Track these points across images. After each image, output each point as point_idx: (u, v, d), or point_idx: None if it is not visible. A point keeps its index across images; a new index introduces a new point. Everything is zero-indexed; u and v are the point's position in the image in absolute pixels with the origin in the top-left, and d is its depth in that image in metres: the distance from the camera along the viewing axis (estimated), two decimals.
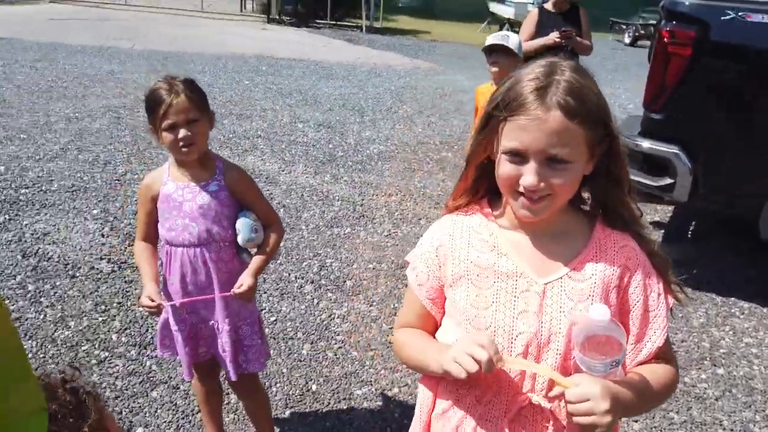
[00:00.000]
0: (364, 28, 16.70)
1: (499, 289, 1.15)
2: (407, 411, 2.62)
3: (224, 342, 2.03)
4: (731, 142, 3.30)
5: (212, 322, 2.05)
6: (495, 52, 3.10)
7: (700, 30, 3.15)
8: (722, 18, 3.15)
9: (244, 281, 1.96)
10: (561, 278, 1.14)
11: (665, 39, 3.23)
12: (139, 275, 2.12)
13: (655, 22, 19.52)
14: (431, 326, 1.28)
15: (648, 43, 18.79)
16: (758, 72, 3.20)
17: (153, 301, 1.89)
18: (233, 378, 2.06)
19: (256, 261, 2.00)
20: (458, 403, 1.21)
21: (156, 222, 2.02)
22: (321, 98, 8.09)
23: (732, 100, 3.24)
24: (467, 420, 1.20)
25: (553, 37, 4.46)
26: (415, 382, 2.77)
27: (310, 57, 11.36)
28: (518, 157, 1.07)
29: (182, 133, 1.84)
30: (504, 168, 1.10)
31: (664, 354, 1.18)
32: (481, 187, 1.23)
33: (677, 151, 3.35)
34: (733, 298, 3.73)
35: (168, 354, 2.14)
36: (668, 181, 3.41)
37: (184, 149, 1.87)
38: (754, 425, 2.68)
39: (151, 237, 2.06)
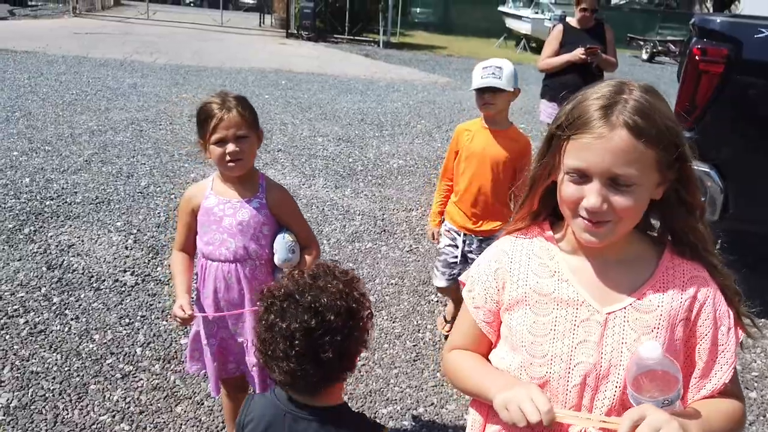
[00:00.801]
0: (381, 43, 16.82)
1: (558, 317, 1.11)
2: (434, 431, 2.58)
3: (253, 360, 2.01)
4: (763, 161, 3.24)
5: (242, 339, 2.03)
6: (486, 92, 2.64)
7: (733, 48, 3.11)
8: (756, 36, 3.11)
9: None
10: (625, 308, 1.09)
11: (697, 57, 3.19)
12: (169, 287, 2.13)
13: (672, 38, 19.39)
14: (485, 348, 1.25)
15: (666, 59, 18.76)
16: None
17: (185, 311, 1.89)
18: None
19: None
20: (509, 429, 1.17)
21: (194, 234, 2.02)
22: (340, 112, 8.12)
23: (763, 119, 3.19)
24: None
25: (579, 53, 4.44)
26: (441, 401, 2.72)
27: (328, 71, 11.44)
28: (581, 177, 1.03)
29: (230, 148, 1.84)
30: (567, 189, 1.06)
31: (731, 390, 1.12)
32: (543, 210, 1.19)
33: (707, 170, 3.30)
34: (762, 320, 3.64)
35: (196, 368, 2.13)
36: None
37: (230, 164, 1.87)
38: None
39: (189, 248, 2.05)
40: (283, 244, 1.93)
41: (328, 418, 1.21)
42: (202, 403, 2.60)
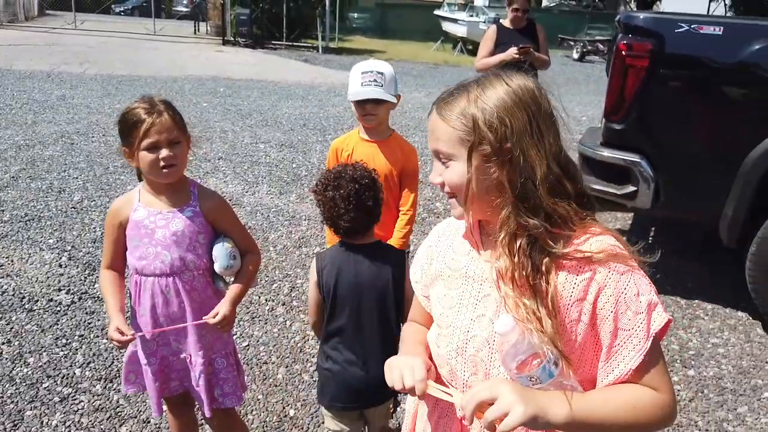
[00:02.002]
0: (320, 49, 16.77)
1: (464, 292, 1.17)
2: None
3: (198, 376, 1.93)
4: (690, 150, 3.41)
5: (184, 354, 1.94)
6: (368, 102, 2.39)
7: (656, 42, 3.26)
8: (676, 30, 3.26)
9: (221, 309, 1.85)
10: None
11: (623, 52, 3.32)
12: (103, 306, 2.01)
13: (601, 38, 20.20)
14: (430, 319, 1.32)
15: (596, 58, 19.52)
16: (711, 81, 3.32)
17: (123, 333, 1.78)
18: (208, 414, 1.96)
19: (233, 289, 1.90)
20: (428, 400, 1.28)
21: (124, 250, 1.91)
22: (281, 118, 8.04)
23: (688, 109, 3.35)
24: (422, 414, 1.32)
25: (512, 52, 4.55)
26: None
27: (267, 78, 11.30)
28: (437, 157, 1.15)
29: (164, 153, 1.75)
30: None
31: (649, 380, 1.05)
32: None
33: (638, 160, 3.44)
34: (696, 300, 3.83)
35: (133, 390, 2.03)
36: (631, 188, 3.49)
37: (164, 170, 1.78)
38: (728, 424, 2.73)
39: (118, 265, 1.94)
40: (223, 251, 1.87)
41: (374, 247, 1.90)
42: (148, 422, 2.50)
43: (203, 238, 1.88)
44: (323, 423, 2.08)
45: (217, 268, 1.87)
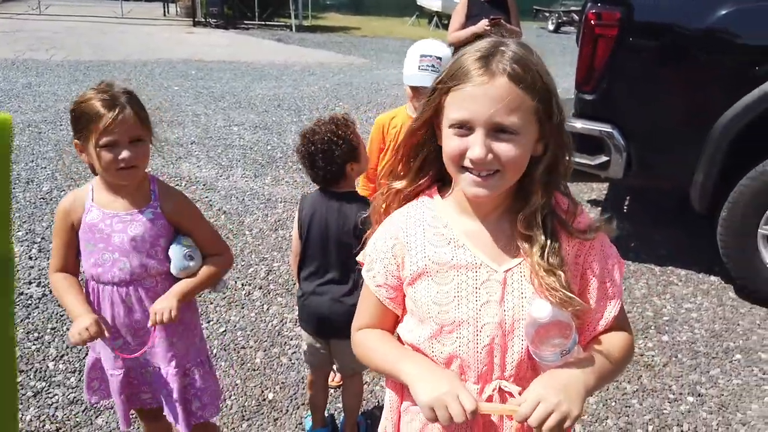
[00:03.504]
0: (293, 27, 16.48)
1: (460, 283, 1.12)
2: (367, 409, 2.58)
3: (172, 389, 1.79)
4: (660, 117, 3.42)
5: (153, 367, 1.80)
6: (425, 89, 2.55)
7: (625, 10, 3.24)
8: None
9: (158, 305, 1.68)
10: (519, 264, 1.11)
11: (592, 21, 3.30)
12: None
13: (576, 8, 20.04)
14: (391, 323, 1.25)
15: (571, 29, 19.46)
16: (679, 48, 3.32)
17: (90, 330, 1.60)
18: (185, 431, 1.82)
19: (181, 283, 1.74)
20: None
21: (76, 253, 1.75)
22: (255, 100, 7.92)
23: (658, 77, 3.35)
24: None
25: (483, 24, 4.49)
26: (374, 380, 2.72)
27: (240, 59, 11.10)
28: (464, 128, 1.04)
29: (125, 153, 1.59)
30: (451, 142, 1.06)
31: (620, 322, 1.18)
32: (427, 173, 1.19)
33: (610, 130, 3.44)
34: (670, 267, 3.88)
35: (96, 399, 1.89)
36: (603, 159, 3.50)
37: (123, 172, 1.62)
38: (701, 387, 2.78)
39: (72, 269, 1.77)
40: (178, 251, 1.72)
41: (346, 195, 2.08)
42: None
43: (165, 241, 1.73)
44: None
45: (172, 269, 1.73)
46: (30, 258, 3.62)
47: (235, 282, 3.51)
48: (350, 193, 2.10)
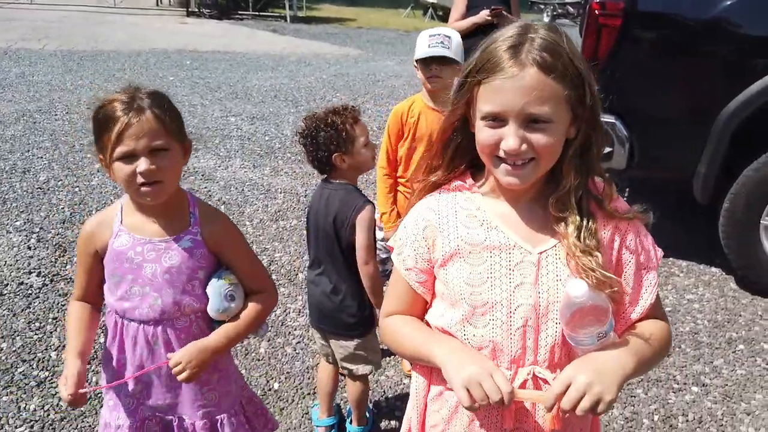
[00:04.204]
0: (288, 18, 16.36)
1: (493, 264, 1.11)
2: (374, 398, 2.58)
3: None
4: (664, 109, 3.42)
5: (172, 416, 1.56)
6: (433, 63, 2.41)
7: (629, 1, 3.23)
8: None
9: (177, 354, 1.43)
10: (554, 246, 1.11)
11: (596, 11, 3.28)
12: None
13: (571, 0, 19.97)
14: (420, 309, 1.24)
15: (566, 21, 19.46)
16: (684, 38, 3.31)
17: (72, 387, 1.37)
18: None
19: (218, 334, 1.48)
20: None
21: (99, 281, 1.51)
22: (252, 90, 7.86)
23: (662, 67, 3.34)
24: None
25: (484, 15, 4.47)
26: (382, 369, 2.71)
27: (235, 49, 11.01)
28: (497, 120, 1.03)
29: (144, 165, 1.34)
30: (483, 134, 1.06)
31: (655, 311, 1.17)
32: (461, 162, 1.19)
33: (613, 121, 3.43)
34: (671, 259, 3.90)
35: None
36: (606, 150, 3.49)
37: (144, 189, 1.37)
38: (705, 377, 2.80)
39: (92, 297, 1.55)
40: (217, 289, 1.47)
41: (338, 187, 2.07)
42: None
43: (204, 273, 1.48)
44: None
45: (209, 309, 1.49)
46: (29, 248, 3.58)
47: None
48: (341, 185, 2.07)
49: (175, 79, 8.27)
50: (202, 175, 4.88)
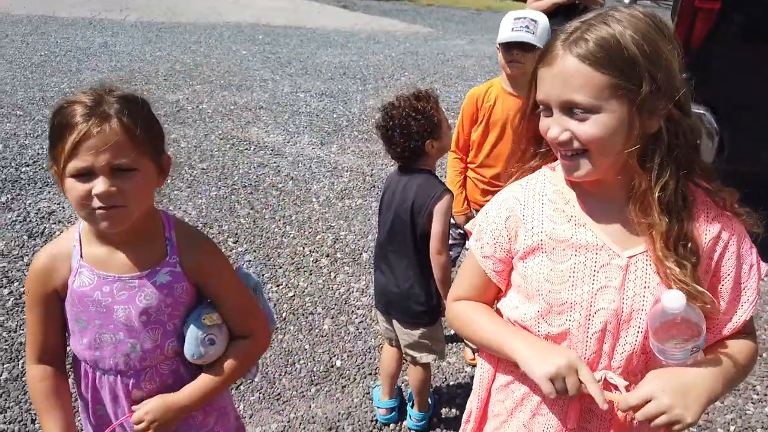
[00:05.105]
0: None
1: (577, 263, 1.06)
2: (435, 384, 2.57)
3: None
4: (759, 102, 3.19)
5: None
6: (515, 48, 2.30)
7: None
8: None
9: (145, 412, 1.23)
10: (646, 252, 1.05)
11: None
12: None
13: None
14: (491, 297, 1.22)
15: (647, 2, 18.47)
16: None
17: None
18: None
19: (194, 386, 1.27)
20: (523, 379, 1.15)
21: (62, 332, 1.26)
22: (321, 67, 7.90)
23: (762, 55, 3.11)
24: (531, 396, 1.15)
25: None
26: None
27: (306, 24, 11.08)
28: (547, 110, 1.02)
29: (101, 186, 1.07)
30: (541, 123, 1.05)
31: (746, 327, 1.11)
32: (546, 150, 1.15)
33: (703, 112, 3.23)
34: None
35: None
36: None
37: (100, 212, 1.10)
38: None
39: (55, 356, 1.27)
40: (195, 331, 1.23)
41: (418, 174, 2.03)
42: None
43: (185, 309, 1.25)
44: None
45: (185, 352, 1.25)
46: None
47: (303, 248, 3.54)
48: (421, 172, 2.03)
49: (248, 53, 8.41)
50: (272, 150, 4.95)
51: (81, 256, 1.20)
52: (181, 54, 7.85)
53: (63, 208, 3.78)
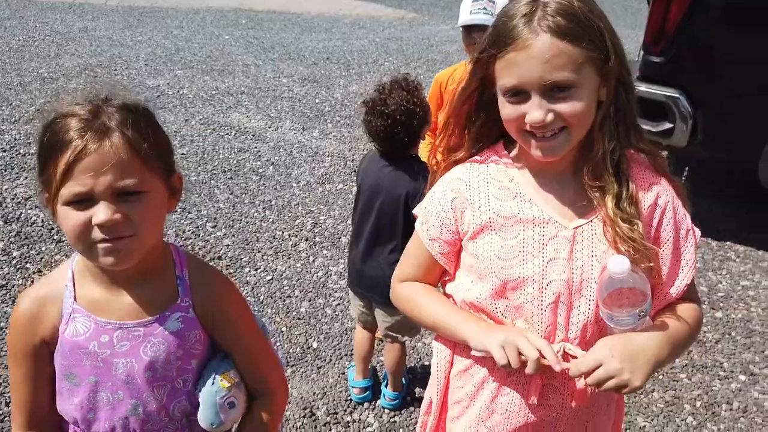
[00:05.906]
0: None
1: (525, 238, 1.08)
2: (410, 364, 2.60)
3: None
4: (735, 85, 3.21)
5: None
6: (476, 30, 2.33)
7: None
8: None
9: None
10: (591, 221, 1.07)
11: None
12: None
13: None
14: (436, 278, 1.23)
15: None
16: (764, 10, 3.09)
17: None
18: None
19: None
20: (482, 362, 1.16)
21: (51, 389, 1.05)
22: (304, 52, 7.84)
23: (736, 40, 3.13)
24: (491, 377, 1.16)
25: None
26: (416, 337, 2.73)
27: (289, 9, 10.98)
28: (518, 94, 1.00)
29: (104, 213, 0.90)
30: (506, 110, 1.03)
31: (689, 292, 1.14)
32: (488, 143, 1.15)
33: (677, 95, 3.27)
34: (728, 243, 3.73)
35: None
36: (667, 125, 3.34)
37: (104, 246, 0.92)
38: (754, 366, 2.70)
39: (47, 417, 1.07)
40: (212, 394, 1.05)
41: (404, 159, 2.02)
42: None
43: (197, 363, 1.07)
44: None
45: (200, 418, 1.07)
46: None
47: (282, 233, 3.54)
48: (409, 158, 2.04)
49: (231, 38, 8.33)
50: (253, 135, 4.93)
51: (74, 299, 1.01)
52: (163, 39, 7.77)
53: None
